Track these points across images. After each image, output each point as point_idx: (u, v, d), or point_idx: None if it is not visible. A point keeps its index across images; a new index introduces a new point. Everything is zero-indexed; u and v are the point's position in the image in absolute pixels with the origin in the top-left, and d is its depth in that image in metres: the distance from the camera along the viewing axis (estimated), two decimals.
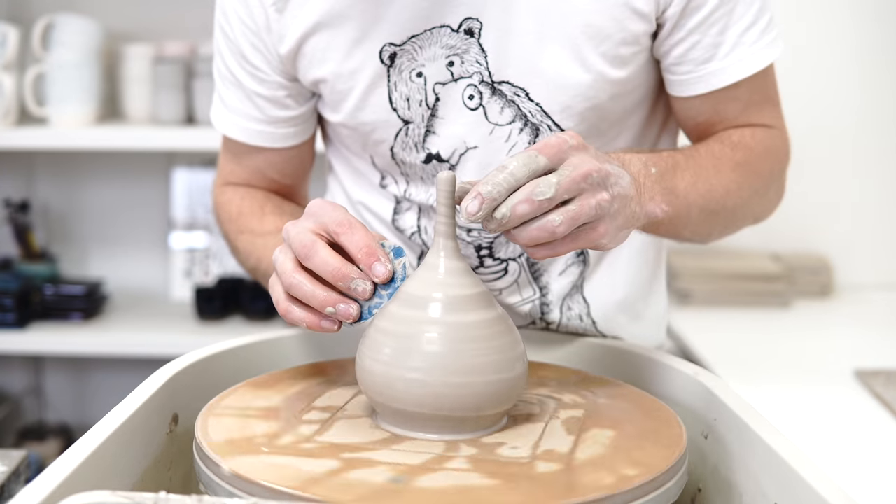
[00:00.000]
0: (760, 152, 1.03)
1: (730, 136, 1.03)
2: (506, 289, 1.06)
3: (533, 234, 0.76)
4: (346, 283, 0.80)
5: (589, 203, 0.77)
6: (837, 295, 2.20)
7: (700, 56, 0.99)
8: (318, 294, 0.81)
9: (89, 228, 2.49)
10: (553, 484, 0.69)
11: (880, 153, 2.25)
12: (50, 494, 0.66)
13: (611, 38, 0.96)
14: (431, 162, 1.01)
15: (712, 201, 0.98)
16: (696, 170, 0.96)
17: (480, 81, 0.98)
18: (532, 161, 0.76)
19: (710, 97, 1.01)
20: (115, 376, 2.50)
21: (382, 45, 0.98)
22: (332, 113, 1.04)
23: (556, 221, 0.76)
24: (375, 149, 1.03)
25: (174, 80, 2.23)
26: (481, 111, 0.99)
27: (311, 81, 1.03)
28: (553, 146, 0.77)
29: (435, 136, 1.00)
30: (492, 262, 1.04)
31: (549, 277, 1.06)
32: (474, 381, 0.76)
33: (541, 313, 1.07)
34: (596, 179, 0.78)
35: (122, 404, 0.80)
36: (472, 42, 0.97)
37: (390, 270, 0.80)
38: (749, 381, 1.59)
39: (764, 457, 0.75)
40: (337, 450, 0.74)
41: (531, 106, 0.98)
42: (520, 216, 0.75)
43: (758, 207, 1.07)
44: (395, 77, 0.99)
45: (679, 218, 0.94)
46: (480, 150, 1.00)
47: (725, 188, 0.99)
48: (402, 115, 1.00)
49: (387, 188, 1.06)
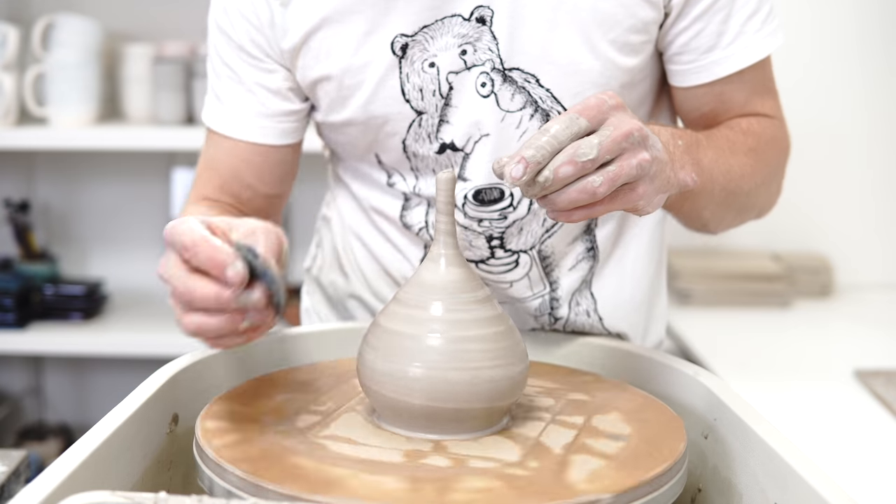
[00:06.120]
0: (767, 140, 1.05)
1: (738, 124, 1.04)
2: (516, 282, 1.06)
3: (573, 196, 0.76)
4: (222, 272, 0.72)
5: (630, 163, 0.77)
6: (837, 295, 2.20)
7: (704, 44, 1.00)
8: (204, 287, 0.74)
9: (89, 228, 2.49)
10: (552, 484, 0.69)
11: (881, 153, 2.24)
12: (50, 494, 0.65)
13: (620, 24, 0.97)
14: (445, 152, 1.01)
15: (731, 182, 0.99)
16: (716, 149, 0.98)
17: (492, 69, 0.98)
18: (573, 123, 0.76)
19: (713, 87, 1.02)
20: (115, 376, 2.50)
21: (394, 36, 0.98)
22: (337, 112, 1.03)
23: (597, 182, 0.75)
24: (385, 144, 1.03)
25: (174, 80, 2.23)
26: (493, 98, 0.99)
27: (311, 81, 1.02)
28: (593, 107, 0.77)
29: (448, 125, 1.00)
30: (503, 253, 1.04)
31: (560, 273, 1.06)
32: (475, 380, 0.76)
33: (550, 308, 1.07)
34: (637, 139, 0.77)
35: (122, 404, 0.80)
36: (483, 30, 0.98)
37: (243, 270, 0.72)
38: (749, 381, 1.59)
39: (764, 457, 0.75)
40: (338, 448, 0.74)
41: (542, 92, 0.99)
42: (562, 179, 0.75)
43: (764, 196, 1.09)
44: (408, 68, 0.99)
45: (704, 193, 0.96)
46: (493, 137, 1.00)
47: (741, 171, 1.00)
48: (415, 107, 1.00)
49: (394, 186, 1.06)
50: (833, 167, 2.24)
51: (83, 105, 2.20)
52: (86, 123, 2.21)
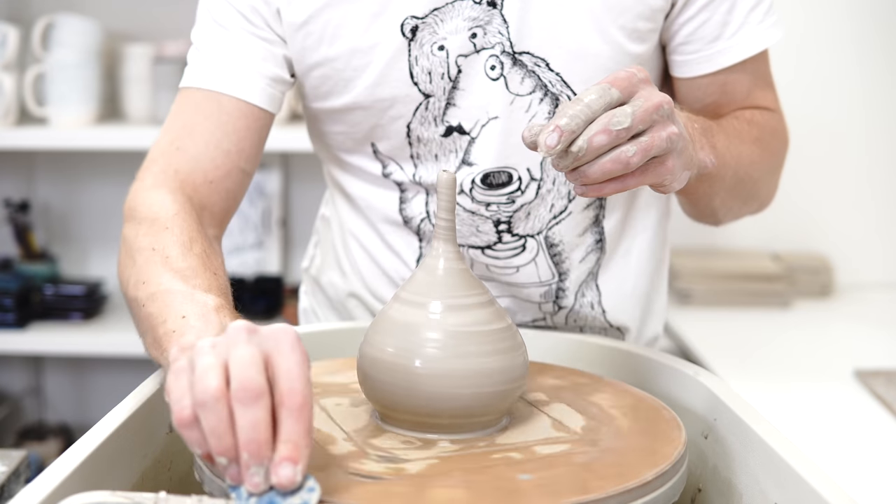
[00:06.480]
0: (770, 131, 1.07)
1: (743, 114, 1.06)
2: (523, 266, 1.06)
3: (606, 166, 0.75)
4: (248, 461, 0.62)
5: (661, 135, 0.77)
6: (837, 295, 2.20)
7: (708, 34, 1.01)
8: (225, 440, 0.62)
9: (89, 228, 2.49)
10: (551, 485, 0.69)
11: (881, 153, 2.24)
12: (50, 494, 0.65)
13: (630, 10, 0.98)
14: (451, 135, 1.01)
15: (741, 168, 1.01)
16: (726, 136, 0.99)
17: (502, 52, 0.99)
18: (606, 93, 0.75)
19: (717, 77, 1.04)
20: (115, 376, 2.50)
21: (403, 18, 0.98)
22: (338, 96, 1.02)
23: (630, 152, 0.75)
24: (388, 128, 1.02)
25: (174, 80, 2.22)
26: (502, 81, 0.99)
27: (310, 63, 1.01)
28: (623, 79, 0.77)
29: (456, 108, 1.00)
30: (510, 237, 1.05)
31: (570, 264, 1.07)
32: (475, 380, 0.76)
33: (555, 297, 1.07)
34: (666, 111, 0.78)
35: (122, 404, 0.80)
36: (494, 13, 0.98)
37: (296, 482, 0.62)
38: (749, 381, 1.59)
39: (764, 457, 0.75)
40: (338, 449, 0.74)
41: (551, 76, 0.99)
42: (597, 148, 0.74)
43: (767, 187, 1.10)
44: (416, 51, 0.99)
45: (717, 178, 0.96)
46: (501, 120, 1.00)
47: (750, 158, 1.02)
48: (422, 90, 1.00)
49: (390, 177, 1.05)
50: (833, 166, 2.24)
51: (83, 105, 2.20)
52: (86, 123, 2.21)
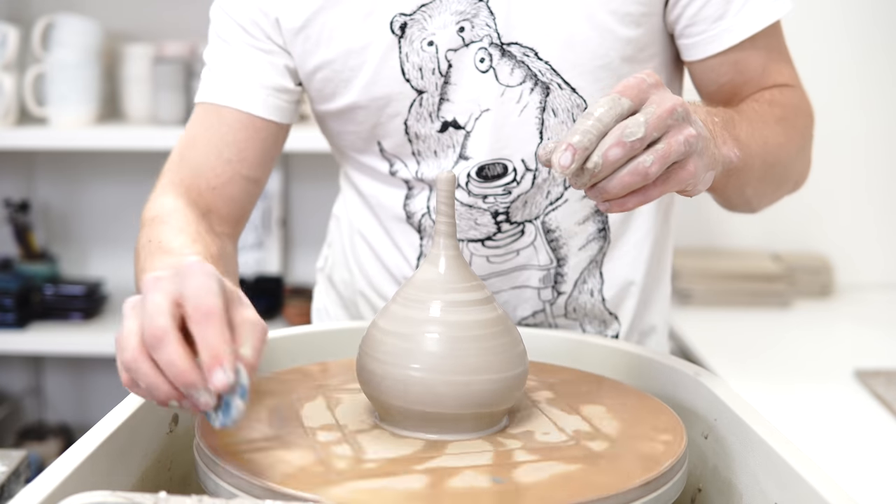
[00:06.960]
0: (793, 109, 1.05)
1: (762, 96, 1.04)
2: (523, 249, 1.06)
3: (625, 180, 0.74)
4: (187, 391, 0.67)
5: (677, 139, 0.75)
6: (837, 295, 2.20)
7: (713, 13, 1.00)
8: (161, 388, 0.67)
9: (89, 228, 2.49)
10: (551, 485, 0.69)
11: (880, 153, 2.24)
12: (50, 494, 0.65)
13: None
14: (447, 130, 1.01)
15: (769, 154, 0.99)
16: (749, 123, 0.97)
17: (490, 44, 0.99)
18: (616, 104, 0.74)
19: (728, 55, 1.02)
20: (115, 376, 2.46)
21: (392, 15, 0.99)
22: (340, 97, 1.03)
23: (648, 161, 0.74)
24: (388, 126, 1.03)
25: (174, 80, 2.23)
26: (492, 73, 0.99)
27: (311, 67, 1.03)
28: (633, 86, 0.75)
29: (449, 102, 1.01)
30: (508, 226, 1.05)
31: (569, 251, 1.07)
32: (475, 380, 0.76)
33: (554, 282, 1.08)
34: (681, 114, 0.76)
35: (122, 404, 0.80)
36: (481, 6, 0.98)
37: (231, 381, 0.66)
38: (749, 381, 1.59)
39: (764, 457, 0.75)
40: (340, 449, 0.74)
41: (540, 65, 0.99)
42: (612, 162, 0.73)
43: (799, 166, 1.08)
44: (407, 47, 0.99)
45: (746, 168, 0.94)
46: (493, 112, 1.00)
47: (777, 141, 1.00)
48: (415, 86, 1.01)
49: (397, 174, 1.06)
50: (833, 167, 2.23)
51: (83, 105, 2.20)
52: (86, 123, 2.21)
